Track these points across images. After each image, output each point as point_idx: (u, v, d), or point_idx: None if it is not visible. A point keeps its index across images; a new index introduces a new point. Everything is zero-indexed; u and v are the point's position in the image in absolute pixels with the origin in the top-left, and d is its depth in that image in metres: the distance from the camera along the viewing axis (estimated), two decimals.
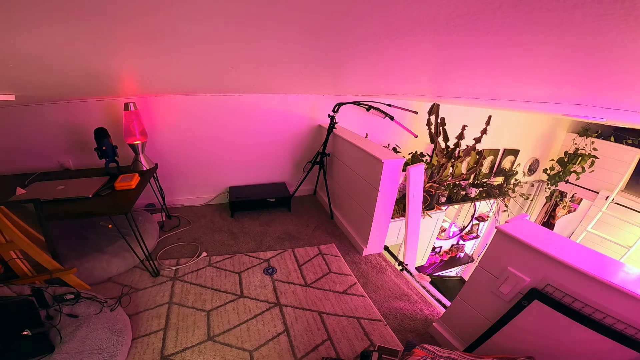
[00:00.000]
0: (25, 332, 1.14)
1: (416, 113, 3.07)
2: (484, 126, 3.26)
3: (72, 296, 1.39)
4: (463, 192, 3.97)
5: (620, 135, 4.08)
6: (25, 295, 1.31)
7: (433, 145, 3.33)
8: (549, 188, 4.78)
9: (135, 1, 0.45)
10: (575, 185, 4.50)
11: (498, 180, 4.36)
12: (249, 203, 2.71)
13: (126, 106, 2.02)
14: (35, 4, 0.43)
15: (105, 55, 0.84)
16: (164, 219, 2.52)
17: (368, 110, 2.82)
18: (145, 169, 2.10)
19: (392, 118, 2.91)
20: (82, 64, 0.92)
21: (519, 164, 4.50)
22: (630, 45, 0.47)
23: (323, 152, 2.69)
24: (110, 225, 1.91)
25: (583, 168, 4.28)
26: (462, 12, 0.44)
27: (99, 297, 1.46)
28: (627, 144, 3.96)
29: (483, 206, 4.85)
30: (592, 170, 4.22)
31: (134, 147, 2.09)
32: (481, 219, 4.97)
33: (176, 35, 0.66)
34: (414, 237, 2.70)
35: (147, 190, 2.31)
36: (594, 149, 4.17)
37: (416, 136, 3.21)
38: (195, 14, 0.51)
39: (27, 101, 1.92)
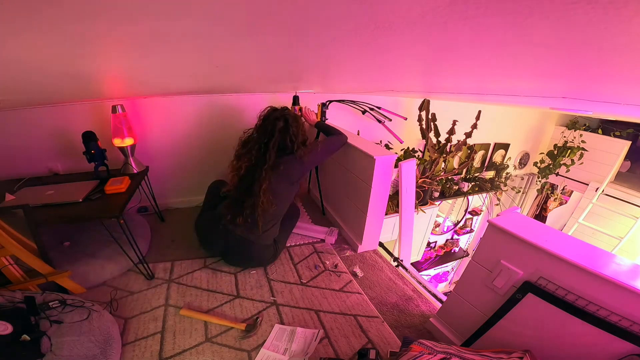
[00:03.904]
0: (24, 338, 1.13)
1: (405, 119, 3.08)
2: (474, 121, 3.29)
3: (58, 304, 1.37)
4: (456, 187, 4.00)
5: (608, 127, 4.15)
6: (15, 301, 1.29)
7: (424, 141, 3.35)
8: (540, 181, 4.84)
9: (116, 3, 0.44)
10: (566, 177, 4.56)
11: (490, 174, 4.40)
12: None
13: (114, 109, 1.99)
14: (11, 6, 0.42)
15: (87, 58, 0.82)
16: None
17: (364, 113, 2.83)
18: (135, 171, 2.08)
19: (380, 121, 2.91)
20: (63, 67, 0.90)
21: (510, 158, 4.55)
22: (604, 35, 0.47)
23: None
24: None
25: (572, 160, 4.34)
26: (434, 5, 0.44)
27: (87, 303, 1.45)
28: (615, 136, 4.03)
29: (476, 200, 4.90)
30: (582, 163, 4.28)
31: (123, 150, 2.06)
32: (474, 213, 5.03)
33: (159, 36, 0.65)
34: (408, 233, 2.71)
35: (139, 193, 2.28)
36: (583, 141, 4.24)
37: (402, 142, 3.24)
38: (177, 14, 0.51)
39: (13, 105, 1.88)
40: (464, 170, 3.94)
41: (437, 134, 3.36)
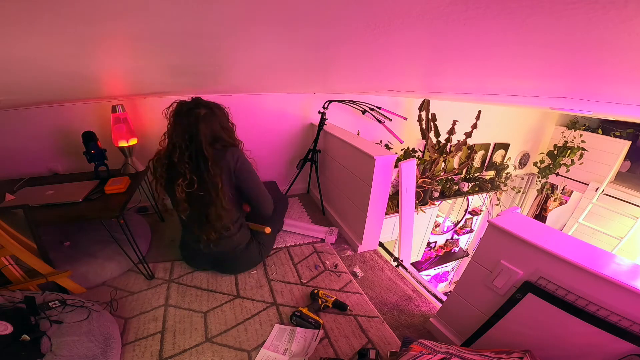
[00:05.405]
0: (24, 338, 1.13)
1: (405, 119, 3.08)
2: (474, 121, 3.29)
3: (58, 304, 1.37)
4: (456, 187, 4.00)
5: (608, 127, 4.15)
6: (15, 301, 1.29)
7: (425, 141, 3.35)
8: (540, 181, 4.84)
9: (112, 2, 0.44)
10: (566, 177, 4.56)
11: (490, 174, 4.40)
12: None
13: (114, 108, 1.99)
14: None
15: (84, 58, 0.82)
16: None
17: (364, 113, 2.83)
18: (135, 171, 2.08)
19: (380, 121, 2.91)
20: (64, 67, 0.90)
21: (510, 158, 4.55)
22: (605, 35, 0.47)
23: (314, 149, 2.69)
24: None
25: (572, 160, 4.34)
26: (434, 5, 0.44)
27: (87, 303, 1.45)
28: (615, 136, 4.03)
29: (476, 200, 4.90)
30: (582, 163, 4.28)
31: (123, 150, 2.06)
32: (474, 213, 5.02)
33: (158, 36, 0.65)
34: (408, 233, 2.71)
35: (139, 193, 2.28)
36: (583, 141, 4.23)
37: (402, 142, 3.24)
38: (177, 14, 0.51)
39: (12, 105, 1.88)
40: (464, 170, 3.94)
41: (437, 134, 3.36)
